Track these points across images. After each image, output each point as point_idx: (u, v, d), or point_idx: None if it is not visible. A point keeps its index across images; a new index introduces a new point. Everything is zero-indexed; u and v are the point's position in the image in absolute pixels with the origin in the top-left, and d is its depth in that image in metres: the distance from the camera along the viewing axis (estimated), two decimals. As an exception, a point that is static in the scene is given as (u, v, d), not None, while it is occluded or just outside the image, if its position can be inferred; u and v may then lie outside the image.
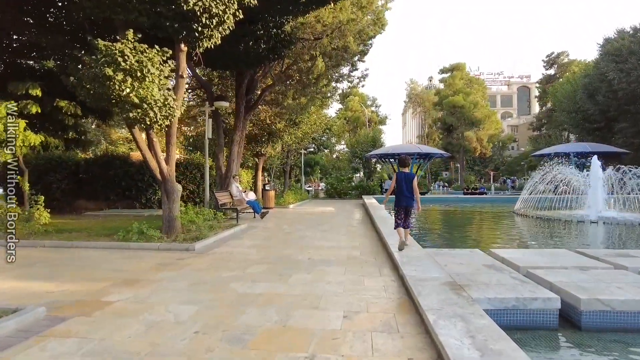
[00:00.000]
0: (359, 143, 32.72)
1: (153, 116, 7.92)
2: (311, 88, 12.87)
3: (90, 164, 16.24)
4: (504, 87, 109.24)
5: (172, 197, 9.28)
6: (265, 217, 13.35)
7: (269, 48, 10.99)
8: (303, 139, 23.31)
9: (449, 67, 52.49)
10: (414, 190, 6.57)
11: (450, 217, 16.82)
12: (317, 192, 33.98)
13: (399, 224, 6.69)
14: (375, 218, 11.08)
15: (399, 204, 6.65)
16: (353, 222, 12.51)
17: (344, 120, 49.60)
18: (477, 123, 50.76)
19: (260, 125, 19.72)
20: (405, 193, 6.57)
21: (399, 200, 6.64)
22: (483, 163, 66.97)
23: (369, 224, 11.73)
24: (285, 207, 18.59)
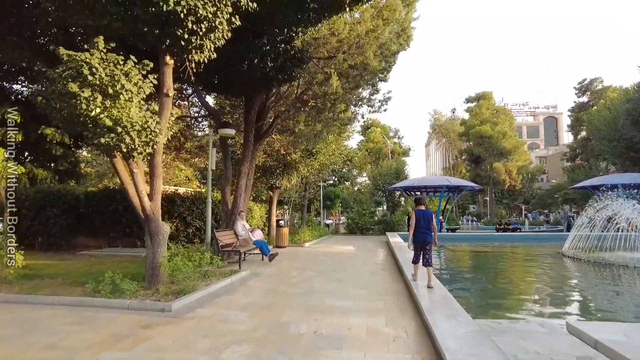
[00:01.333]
0: (382, 175, 30.94)
1: (130, 142, 6.50)
2: (326, 113, 11.41)
3: (90, 198, 15.06)
4: (530, 118, 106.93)
5: (156, 239, 7.73)
6: (274, 260, 11.63)
7: (278, 67, 9.64)
8: (321, 171, 21.76)
9: (474, 96, 50.74)
10: (433, 227, 6.97)
11: (487, 261, 14.62)
12: (337, 226, 32.07)
13: (416, 260, 7.18)
14: (402, 265, 9.20)
15: (417, 240, 7.02)
16: (375, 267, 10.63)
17: (366, 152, 48.11)
18: (506, 154, 48.25)
19: (275, 156, 18.33)
20: (423, 229, 6.94)
21: (417, 237, 7.00)
22: (512, 196, 63.69)
23: (395, 271, 9.82)
24: (300, 246, 16.81)
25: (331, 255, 13.53)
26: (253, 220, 17.73)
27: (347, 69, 9.53)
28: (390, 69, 10.57)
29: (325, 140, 18.09)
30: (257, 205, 18.78)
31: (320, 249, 15.75)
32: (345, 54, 9.26)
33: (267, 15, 7.70)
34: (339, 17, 8.14)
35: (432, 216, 7.07)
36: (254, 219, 17.77)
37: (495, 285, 9.52)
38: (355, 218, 26.52)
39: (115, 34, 6.29)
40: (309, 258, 12.63)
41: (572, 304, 7.74)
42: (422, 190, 24.78)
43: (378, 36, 9.01)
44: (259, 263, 11.45)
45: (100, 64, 5.96)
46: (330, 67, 9.38)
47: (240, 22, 6.93)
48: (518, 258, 14.93)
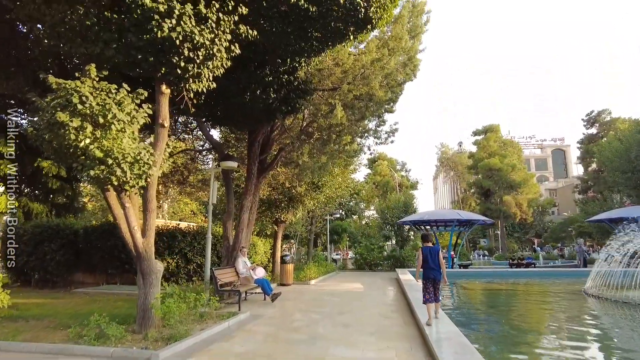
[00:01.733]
0: (390, 208, 30.28)
1: (121, 175, 6.11)
2: (331, 145, 11.04)
3: (89, 233, 14.64)
4: (537, 151, 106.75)
5: (148, 279, 7.19)
6: (277, 300, 10.93)
7: (281, 98, 9.37)
8: (327, 204, 21.24)
9: (481, 129, 50.63)
10: (440, 263, 6.97)
11: (504, 300, 13.72)
12: (345, 262, 31.14)
13: (428, 299, 6.94)
14: (414, 306, 8.48)
15: (427, 277, 7.00)
16: (385, 308, 9.88)
17: (373, 185, 47.65)
18: (516, 186, 47.45)
19: (280, 189, 17.92)
20: (431, 265, 6.95)
21: (426, 274, 7.00)
22: (523, 229, 62.18)
23: (407, 312, 9.09)
24: (306, 284, 16.05)
25: (338, 294, 12.77)
26: (257, 256, 17.10)
27: (352, 99, 9.22)
28: (397, 99, 10.26)
29: (331, 173, 17.70)
30: (261, 240, 18.20)
31: (326, 287, 14.97)
32: (350, 84, 8.98)
33: (269, 44, 7.47)
34: (343, 47, 7.91)
35: (439, 253, 7.16)
36: (257, 255, 17.14)
37: (517, 330, 8.71)
38: (363, 253, 25.67)
39: (109, 63, 6.04)
40: (314, 297, 11.89)
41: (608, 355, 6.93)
42: (432, 225, 24.04)
43: (384, 66, 8.74)
44: (260, 303, 10.77)
45: (92, 92, 5.66)
46: (334, 98, 9.08)
47: (240, 51, 6.68)
48: (537, 297, 14.01)
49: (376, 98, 8.92)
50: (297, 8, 6.50)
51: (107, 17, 5.47)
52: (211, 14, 5.86)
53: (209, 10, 5.84)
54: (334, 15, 6.68)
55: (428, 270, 7.00)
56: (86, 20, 5.41)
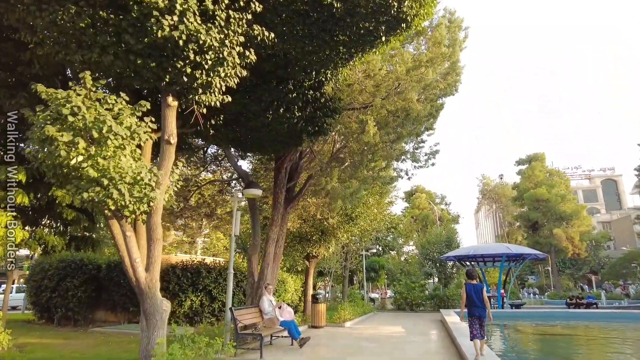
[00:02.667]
0: (431, 243, 28.32)
1: (119, 197, 5.29)
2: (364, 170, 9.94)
3: (112, 268, 14.03)
4: (585, 182, 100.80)
5: (152, 320, 6.20)
6: (305, 345, 9.60)
7: (307, 117, 8.49)
8: (362, 238, 19.85)
9: (525, 158, 47.87)
10: (485, 301, 7.06)
11: (565, 349, 11.57)
12: (383, 301, 29.08)
13: (475, 335, 7.03)
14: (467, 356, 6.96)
15: (472, 315, 7.08)
16: (433, 358, 8.33)
17: (411, 219, 45.61)
18: (567, 218, 43.83)
19: (311, 221, 16.84)
20: (477, 303, 7.04)
21: (472, 311, 7.08)
22: (576, 265, 57.07)
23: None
24: (340, 326, 14.53)
25: (376, 339, 11.24)
26: (287, 294, 15.85)
27: (385, 116, 8.19)
28: (437, 115, 9.08)
29: (366, 204, 16.48)
30: (291, 276, 16.99)
31: (363, 331, 13.42)
32: (383, 100, 7.99)
33: (290, 54, 6.65)
34: (374, 54, 7.00)
35: (484, 290, 7.27)
36: (287, 293, 15.89)
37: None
38: (403, 292, 23.73)
39: (108, 72, 5.38)
40: (349, 344, 10.44)
41: None
42: (478, 260, 21.96)
43: (421, 77, 7.71)
44: (286, 349, 9.47)
45: (85, 102, 4.97)
46: (366, 114, 8.08)
47: (255, 58, 5.87)
48: (605, 346, 11.76)
49: (413, 113, 7.83)
50: (319, 5, 5.67)
51: (102, 18, 4.84)
52: (219, 11, 5.12)
53: (216, 7, 5.10)
54: (362, 13, 5.79)
55: (473, 308, 7.11)
56: (79, 22, 4.79)
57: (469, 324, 7.22)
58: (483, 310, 7.05)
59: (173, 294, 13.50)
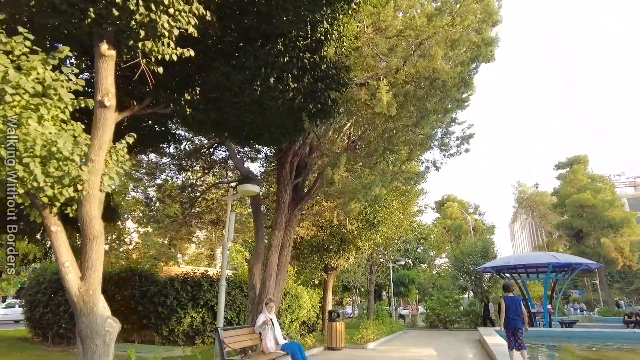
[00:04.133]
0: (464, 254, 25.84)
1: (27, 177, 3.82)
2: (381, 161, 8.18)
3: (105, 281, 12.73)
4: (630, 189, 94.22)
5: (90, 346, 4.62)
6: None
7: (306, 91, 6.89)
8: (387, 247, 17.86)
9: (566, 161, 44.29)
10: (522, 313, 7.46)
11: None
12: (414, 318, 26.70)
13: (512, 346, 7.48)
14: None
15: (508, 327, 7.53)
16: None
17: (443, 229, 42.89)
18: (616, 226, 39.88)
19: (328, 228, 15.09)
20: (513, 316, 7.43)
21: (508, 324, 7.52)
22: (626, 279, 52.10)
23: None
24: (362, 347, 12.59)
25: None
26: (301, 310, 14.06)
27: (403, 84, 6.45)
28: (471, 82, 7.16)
29: (389, 208, 14.59)
30: (307, 290, 15.20)
31: (387, 354, 11.44)
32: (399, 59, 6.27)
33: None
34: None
35: (521, 303, 7.63)
36: (302, 310, 14.11)
37: None
38: (435, 308, 21.42)
39: (20, 11, 3.95)
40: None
41: None
42: (520, 271, 19.44)
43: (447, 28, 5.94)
44: (289, 380, 7.71)
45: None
46: (379, 79, 6.34)
47: None
48: None
49: (440, 77, 6.05)
50: None
51: None
52: None
53: None
54: None
55: (509, 321, 7.47)
56: None
57: (506, 335, 7.78)
58: (520, 322, 7.45)
59: (171, 309, 12.02)
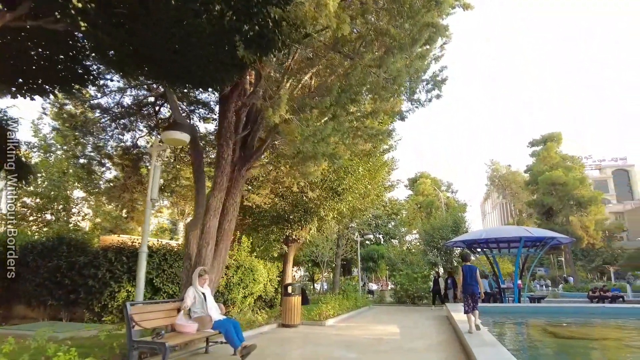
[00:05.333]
0: (435, 229, 25.14)
1: None
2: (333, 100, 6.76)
3: (27, 251, 11.12)
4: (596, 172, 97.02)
5: None
6: (249, 356, 6.57)
7: (236, 5, 5.40)
8: (354, 218, 16.73)
9: (540, 138, 44.19)
10: (478, 280, 8.12)
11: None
12: (382, 294, 26.04)
13: (467, 310, 8.03)
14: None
15: (466, 292, 8.11)
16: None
17: (415, 206, 42.39)
18: (585, 204, 40.30)
19: (289, 197, 13.77)
20: (470, 282, 8.09)
21: (466, 289, 8.10)
22: (588, 257, 53.55)
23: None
24: (320, 324, 11.52)
25: (359, 346, 8.19)
26: (257, 285, 12.83)
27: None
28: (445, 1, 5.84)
29: (354, 174, 13.35)
30: (264, 263, 13.93)
31: (346, 331, 10.38)
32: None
33: None
34: None
35: (477, 271, 8.27)
36: (257, 284, 12.87)
37: None
38: (404, 283, 20.66)
39: None
40: (316, 354, 7.39)
41: None
42: (491, 246, 18.78)
43: None
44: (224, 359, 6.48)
45: None
46: None
47: None
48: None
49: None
50: None
51: None
52: None
53: None
54: None
55: (468, 286, 8.09)
56: None
57: (463, 301, 8.27)
58: (476, 287, 8.06)
59: (103, 283, 10.52)
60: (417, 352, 7.31)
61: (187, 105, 13.21)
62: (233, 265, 11.94)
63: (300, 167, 9.62)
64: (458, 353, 7.08)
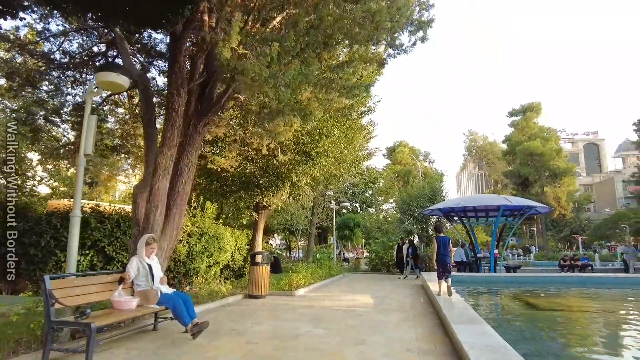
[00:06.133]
0: (412, 197, 24.70)
1: None
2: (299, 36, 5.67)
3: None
4: (568, 145, 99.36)
5: None
6: (203, 333, 5.74)
7: None
8: (328, 183, 15.91)
9: (519, 108, 43.96)
10: (450, 250, 8.96)
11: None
12: (358, 262, 25.74)
13: (439, 277, 8.80)
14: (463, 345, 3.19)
15: (439, 261, 8.78)
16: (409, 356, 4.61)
17: (393, 175, 41.99)
18: (560, 175, 40.77)
19: (259, 161, 12.76)
20: (443, 252, 8.76)
21: (439, 259, 8.77)
22: (557, 227, 55.09)
23: None
24: (289, 294, 10.84)
25: (329, 318, 7.50)
26: (223, 253, 11.97)
27: None
28: None
29: (329, 137, 12.40)
30: (231, 231, 13.03)
31: (317, 302, 9.73)
32: None
33: None
34: None
35: (450, 241, 9.06)
36: (224, 252, 12.01)
37: None
38: (379, 251, 20.29)
39: None
40: (281, 329, 6.65)
41: None
42: (469, 214, 18.42)
43: None
44: (169, 341, 5.63)
45: None
46: None
47: None
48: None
49: None
50: None
51: None
52: None
53: None
54: None
55: (441, 256, 8.76)
56: None
57: (436, 269, 8.93)
58: (448, 257, 8.75)
59: (48, 251, 9.43)
60: (390, 327, 6.66)
61: (145, 58, 11.84)
62: (196, 232, 10.99)
63: (268, 124, 8.59)
64: (435, 328, 6.46)
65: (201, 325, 5.72)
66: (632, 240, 45.80)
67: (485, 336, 4.65)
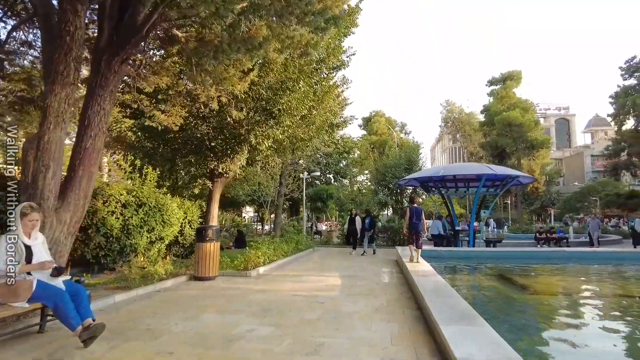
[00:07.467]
0: (388, 167, 23.34)
1: None
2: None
3: None
4: (541, 120, 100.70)
5: None
6: (111, 334, 4.10)
7: None
8: (295, 149, 14.17)
9: (499, 77, 42.76)
10: (422, 219, 9.46)
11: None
12: (329, 235, 24.43)
13: (410, 243, 9.56)
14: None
15: (411, 229, 9.43)
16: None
17: (369, 146, 40.57)
18: (537, 147, 40.27)
19: (212, 119, 10.88)
20: (415, 221, 9.35)
21: (411, 226, 9.40)
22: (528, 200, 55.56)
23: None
24: (244, 275, 9.28)
25: (282, 308, 6.00)
26: (168, 227, 10.23)
27: None
28: None
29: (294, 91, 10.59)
30: (178, 201, 11.24)
31: (274, 285, 8.21)
32: None
33: None
34: None
35: (422, 211, 9.65)
36: (170, 226, 10.27)
37: None
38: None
39: None
40: (221, 322, 5.09)
41: None
42: (448, 185, 17.18)
43: None
44: (60, 346, 3.98)
45: None
46: None
47: None
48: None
49: None
50: None
51: None
52: None
53: None
54: None
55: (413, 224, 9.34)
56: None
57: (407, 236, 9.90)
58: (420, 225, 9.39)
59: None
60: (358, 321, 5.20)
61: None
62: (133, 202, 9.18)
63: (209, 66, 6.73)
64: (415, 323, 5.04)
65: (94, 329, 4.08)
66: (599, 212, 46.71)
67: (491, 346, 3.19)
